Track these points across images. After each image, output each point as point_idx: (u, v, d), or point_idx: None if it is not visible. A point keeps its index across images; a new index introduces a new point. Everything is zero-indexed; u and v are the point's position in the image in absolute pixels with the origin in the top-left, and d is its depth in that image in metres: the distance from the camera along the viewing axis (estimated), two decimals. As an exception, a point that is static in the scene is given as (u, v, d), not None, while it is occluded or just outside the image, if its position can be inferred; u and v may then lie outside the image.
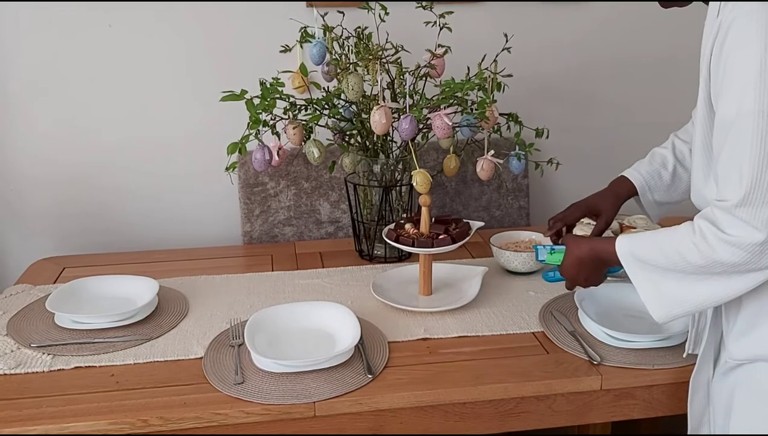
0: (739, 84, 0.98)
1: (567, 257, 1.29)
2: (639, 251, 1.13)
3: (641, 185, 1.44)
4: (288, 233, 2.12)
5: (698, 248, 1.04)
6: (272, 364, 1.30)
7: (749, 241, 0.98)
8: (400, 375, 1.31)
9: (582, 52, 2.24)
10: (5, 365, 1.35)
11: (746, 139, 0.97)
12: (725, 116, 1.01)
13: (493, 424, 1.31)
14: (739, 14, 0.98)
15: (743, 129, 0.98)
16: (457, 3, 2.03)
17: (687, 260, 1.05)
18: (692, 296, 1.08)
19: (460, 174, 2.15)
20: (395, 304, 1.55)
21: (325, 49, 1.75)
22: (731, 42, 0.99)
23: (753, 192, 0.97)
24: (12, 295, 1.66)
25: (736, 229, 1.00)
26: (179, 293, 1.66)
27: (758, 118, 0.96)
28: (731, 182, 1.00)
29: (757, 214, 0.97)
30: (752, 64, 0.96)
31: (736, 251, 1.00)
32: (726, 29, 0.99)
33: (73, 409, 1.21)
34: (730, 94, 1.00)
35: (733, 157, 1.00)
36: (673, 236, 1.09)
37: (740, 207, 0.99)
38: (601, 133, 2.35)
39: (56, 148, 2.07)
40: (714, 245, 1.02)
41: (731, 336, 1.15)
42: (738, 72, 0.98)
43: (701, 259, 1.04)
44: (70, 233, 2.14)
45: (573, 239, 1.30)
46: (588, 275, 1.28)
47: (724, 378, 1.18)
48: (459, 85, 1.61)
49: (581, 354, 1.36)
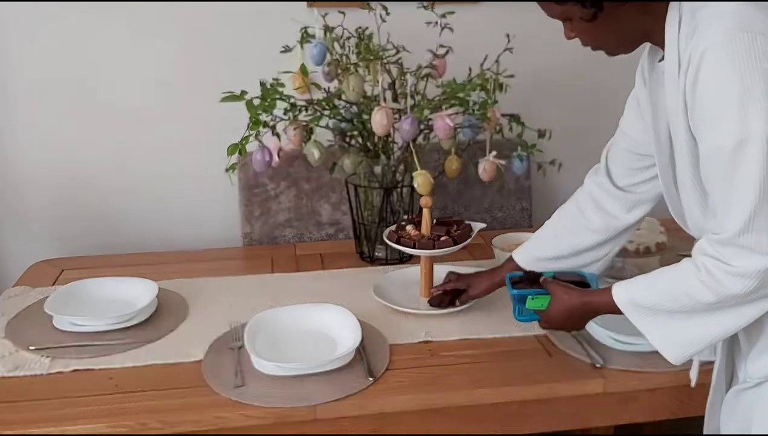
0: (720, 115, 0.97)
1: (555, 306, 1.25)
2: (641, 298, 1.10)
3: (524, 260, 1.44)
4: (288, 234, 2.12)
5: (706, 285, 1.02)
6: (273, 367, 1.30)
7: (757, 268, 0.97)
8: (401, 378, 1.31)
9: (584, 52, 2.21)
10: (3, 367, 1.34)
11: (741, 167, 0.96)
12: (710, 148, 1.00)
13: (495, 428, 1.30)
14: (710, 45, 0.97)
15: (735, 158, 0.97)
16: (458, 3, 2.02)
17: (697, 300, 1.04)
18: (705, 333, 1.06)
19: (462, 175, 2.13)
20: (396, 306, 1.54)
21: (326, 49, 1.74)
22: (705, 74, 0.97)
23: (754, 218, 0.96)
24: (10, 297, 1.65)
25: (741, 259, 0.98)
26: (179, 295, 1.65)
27: (745, 147, 0.95)
28: (730, 213, 0.99)
29: (761, 239, 0.97)
30: (731, 94, 0.95)
31: (746, 281, 0.99)
32: (698, 61, 0.98)
33: (71, 412, 1.21)
34: (713, 126, 0.99)
35: (728, 189, 0.99)
36: (675, 277, 1.07)
37: (743, 235, 0.98)
38: (603, 134, 2.31)
39: (56, 150, 2.07)
40: (722, 280, 1.00)
41: (751, 355, 1.13)
42: (718, 104, 0.97)
43: (712, 296, 1.02)
44: (69, 235, 2.13)
45: (561, 288, 1.25)
46: (575, 324, 1.27)
47: (740, 396, 1.16)
48: (460, 85, 1.61)
49: (584, 357, 1.35)
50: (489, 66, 1.73)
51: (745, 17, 0.97)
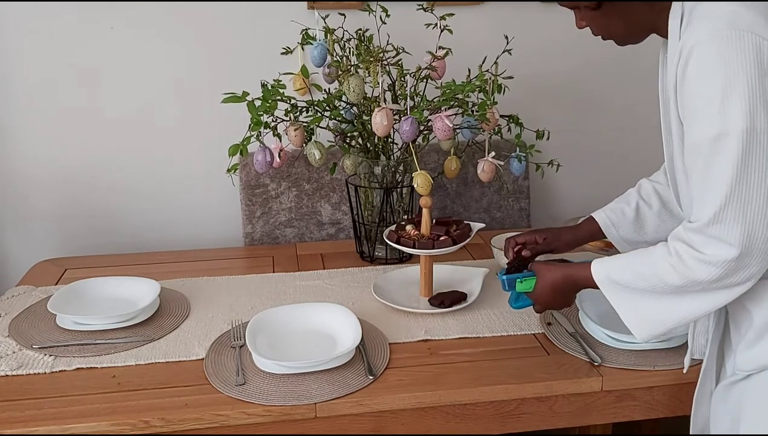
0: (703, 109, 1.01)
1: (540, 284, 1.29)
2: (616, 275, 1.15)
3: (604, 222, 1.43)
4: (289, 234, 2.13)
5: (675, 269, 1.06)
6: (273, 365, 1.31)
7: (724, 258, 1.02)
8: (401, 376, 1.32)
9: (583, 54, 2.24)
10: (7, 366, 1.35)
11: (717, 160, 1.00)
12: (692, 141, 1.04)
13: (494, 425, 1.31)
14: (699, 40, 1.00)
15: (713, 151, 1.01)
16: (457, 5, 2.03)
17: (665, 282, 1.08)
18: (672, 315, 1.11)
19: (461, 176, 2.15)
20: (396, 305, 1.55)
21: (327, 51, 1.75)
22: (693, 68, 1.01)
23: (723, 210, 1.00)
24: (14, 296, 1.66)
25: (710, 248, 1.03)
26: (181, 294, 1.66)
27: (723, 141, 0.99)
28: (704, 203, 1.03)
29: (730, 231, 1.00)
30: (714, 89, 0.99)
31: (712, 269, 1.03)
32: (687, 55, 1.02)
33: (74, 410, 1.22)
34: (696, 120, 1.03)
35: (704, 179, 1.03)
36: (649, 258, 1.11)
37: (712, 225, 1.02)
38: (601, 135, 2.35)
39: (58, 150, 2.08)
40: (690, 265, 1.05)
41: (740, 348, 1.15)
42: (701, 98, 1.01)
43: (679, 279, 1.06)
44: (72, 235, 2.14)
45: (544, 266, 1.30)
46: (563, 300, 1.29)
47: (730, 390, 1.18)
48: (460, 87, 1.62)
49: (582, 355, 1.36)
50: (488, 67, 1.74)
51: (735, 15, 1.00)
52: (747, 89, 0.97)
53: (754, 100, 0.97)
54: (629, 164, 2.28)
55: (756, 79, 0.97)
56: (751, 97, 0.97)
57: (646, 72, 2.30)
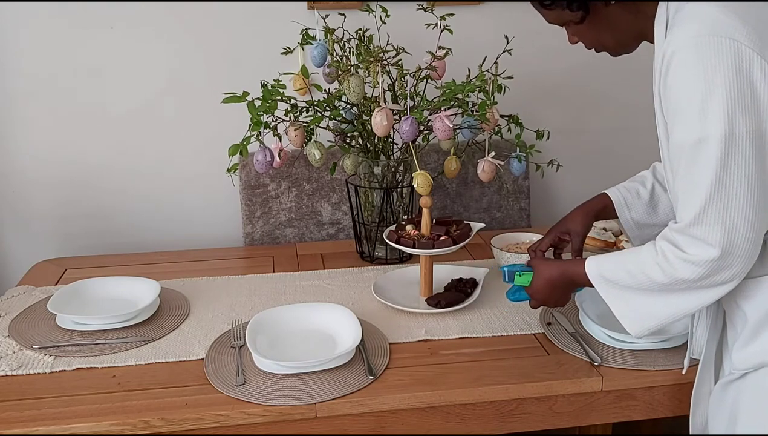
0: (684, 114, 1.03)
1: (537, 279, 1.30)
2: (608, 273, 1.17)
3: (618, 200, 1.43)
4: (289, 234, 2.13)
5: (661, 267, 1.08)
6: (273, 365, 1.31)
7: (706, 258, 1.03)
8: (401, 376, 1.32)
9: (583, 54, 2.21)
10: (7, 366, 1.35)
11: (697, 164, 1.02)
12: (675, 143, 1.06)
13: (494, 425, 1.31)
14: (679, 46, 1.02)
15: (693, 155, 1.03)
16: (457, 5, 2.03)
17: (652, 280, 1.10)
18: (663, 310, 1.13)
19: (461, 176, 2.15)
20: (396, 305, 1.55)
21: (327, 51, 1.75)
22: (673, 74, 1.03)
23: (704, 212, 1.02)
24: (14, 296, 1.66)
25: (693, 247, 1.05)
26: (181, 294, 1.66)
27: (704, 146, 1.01)
28: (686, 204, 1.05)
29: (711, 232, 1.02)
30: (694, 94, 1.00)
31: (695, 268, 1.05)
32: (668, 61, 1.03)
33: (74, 410, 1.22)
34: (677, 124, 1.05)
35: (686, 181, 1.05)
36: (637, 257, 1.13)
37: (694, 226, 1.04)
38: (602, 135, 2.35)
39: (58, 150, 2.08)
40: (675, 264, 1.07)
41: (736, 347, 1.16)
42: (682, 102, 1.03)
43: (665, 278, 1.08)
44: (71, 235, 2.14)
45: (542, 262, 1.31)
46: (558, 296, 1.30)
47: (727, 388, 1.18)
48: (460, 87, 1.62)
49: (582, 355, 1.36)
50: (488, 67, 1.74)
51: (715, 21, 1.01)
52: (726, 94, 0.98)
53: (733, 105, 0.98)
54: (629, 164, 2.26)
55: (735, 85, 0.98)
56: (730, 102, 0.98)
57: (646, 72, 2.29)
